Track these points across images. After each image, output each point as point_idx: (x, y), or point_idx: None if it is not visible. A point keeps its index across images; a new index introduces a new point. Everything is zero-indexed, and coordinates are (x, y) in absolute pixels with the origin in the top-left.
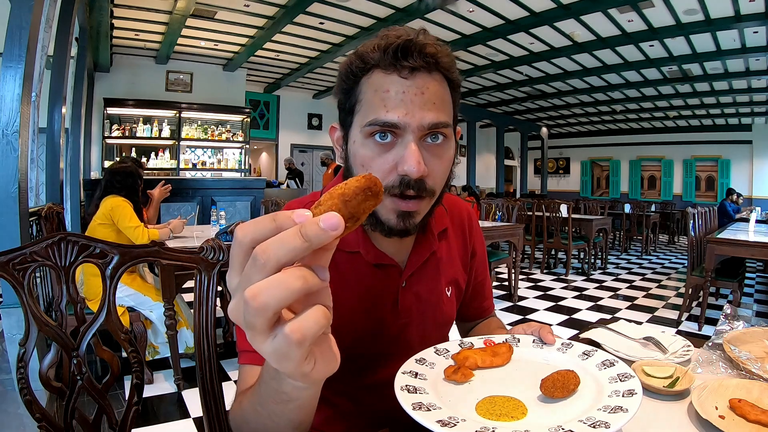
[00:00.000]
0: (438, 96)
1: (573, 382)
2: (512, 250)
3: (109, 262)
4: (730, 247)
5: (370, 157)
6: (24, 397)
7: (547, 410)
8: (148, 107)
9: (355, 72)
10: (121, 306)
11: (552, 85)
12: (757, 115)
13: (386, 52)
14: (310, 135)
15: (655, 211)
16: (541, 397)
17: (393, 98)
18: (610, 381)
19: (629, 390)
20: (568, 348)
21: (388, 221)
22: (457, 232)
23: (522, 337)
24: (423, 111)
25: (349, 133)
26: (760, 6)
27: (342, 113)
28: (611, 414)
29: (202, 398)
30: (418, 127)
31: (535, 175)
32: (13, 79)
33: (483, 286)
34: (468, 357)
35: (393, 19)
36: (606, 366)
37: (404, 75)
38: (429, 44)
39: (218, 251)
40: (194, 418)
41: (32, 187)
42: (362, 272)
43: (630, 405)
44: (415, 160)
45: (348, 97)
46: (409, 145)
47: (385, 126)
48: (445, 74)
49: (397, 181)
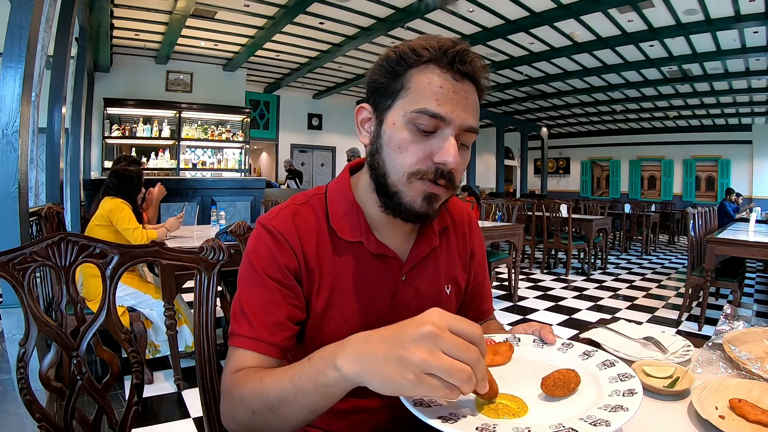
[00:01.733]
0: (475, 104)
1: (574, 381)
2: (512, 250)
3: (109, 262)
4: (730, 247)
5: (409, 142)
6: (24, 397)
7: (547, 408)
8: (148, 107)
9: (408, 61)
10: (121, 306)
11: (552, 85)
12: (757, 115)
13: (446, 53)
14: (310, 135)
15: (655, 211)
16: (542, 395)
17: (445, 94)
18: (611, 380)
19: (629, 389)
20: (568, 348)
21: (413, 203)
22: (458, 231)
23: (523, 336)
24: (465, 113)
25: (386, 115)
26: (760, 6)
27: (377, 95)
28: (611, 413)
29: (202, 398)
30: (460, 126)
31: (535, 175)
32: (13, 79)
33: (482, 288)
34: None
35: (393, 19)
36: (606, 366)
37: (457, 77)
38: (478, 58)
39: (218, 251)
40: (194, 418)
41: (32, 187)
42: (363, 262)
43: (630, 404)
44: (454, 153)
45: (393, 81)
46: (449, 139)
47: (434, 116)
48: (479, 90)
49: (432, 168)
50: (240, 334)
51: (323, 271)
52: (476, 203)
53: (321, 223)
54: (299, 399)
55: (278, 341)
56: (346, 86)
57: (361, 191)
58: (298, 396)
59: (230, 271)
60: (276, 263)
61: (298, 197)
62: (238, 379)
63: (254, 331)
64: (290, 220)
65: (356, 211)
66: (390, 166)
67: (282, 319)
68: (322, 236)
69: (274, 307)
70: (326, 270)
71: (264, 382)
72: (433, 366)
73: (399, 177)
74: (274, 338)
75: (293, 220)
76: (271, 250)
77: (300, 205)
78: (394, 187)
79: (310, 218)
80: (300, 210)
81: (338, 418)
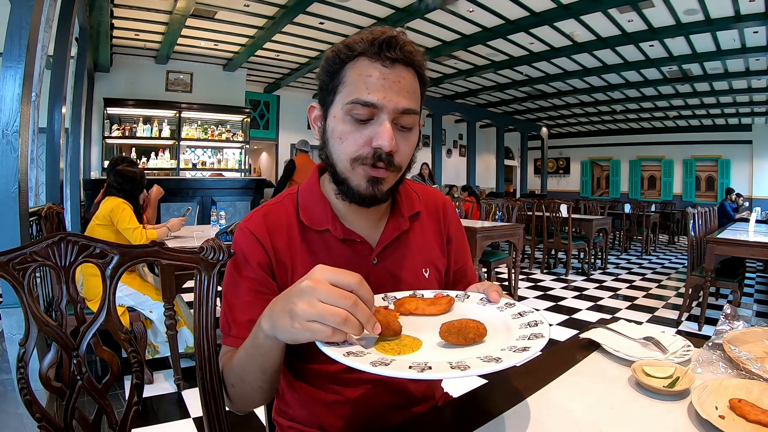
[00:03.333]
0: (411, 87)
1: (474, 332)
2: (512, 250)
3: (109, 262)
4: (730, 247)
5: (348, 131)
6: (24, 397)
7: (436, 351)
8: (148, 107)
9: (342, 57)
10: (121, 306)
11: (552, 85)
12: (757, 115)
13: (373, 43)
14: (310, 135)
15: (655, 211)
16: (441, 342)
17: (375, 82)
18: (519, 339)
19: (535, 333)
20: (508, 308)
21: (359, 187)
22: (431, 217)
23: (472, 294)
24: (399, 97)
25: (329, 110)
26: (760, 6)
27: (323, 93)
28: (508, 352)
29: (202, 398)
30: (393, 110)
31: (535, 175)
32: (13, 79)
33: (464, 273)
34: (404, 303)
35: (393, 19)
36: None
37: (386, 64)
38: (408, 42)
39: (218, 251)
40: (194, 418)
41: (32, 187)
42: (332, 249)
43: (532, 345)
44: (388, 136)
45: (332, 78)
46: (384, 123)
47: (366, 105)
48: (417, 70)
49: (371, 153)
50: (224, 333)
51: (295, 263)
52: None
53: (291, 218)
54: (251, 362)
55: None
56: None
57: (326, 185)
58: (249, 360)
59: None
60: (248, 262)
61: (273, 199)
62: (224, 366)
63: (233, 329)
64: (261, 219)
65: (323, 202)
66: (336, 156)
67: (255, 316)
68: (293, 230)
69: (250, 306)
70: (298, 261)
71: (232, 360)
72: (311, 314)
73: (344, 165)
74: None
75: (264, 220)
76: (244, 250)
77: (272, 205)
78: (342, 174)
79: (281, 215)
80: (272, 209)
81: (328, 409)
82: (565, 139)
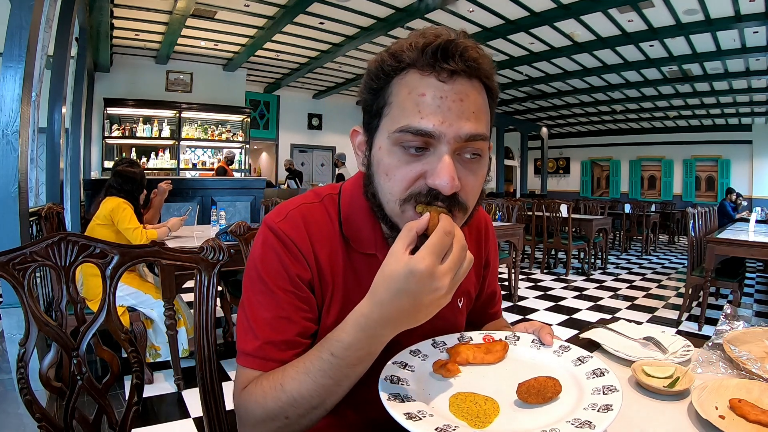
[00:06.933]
0: (477, 105)
1: (552, 390)
2: (512, 250)
3: (109, 262)
4: (730, 247)
5: (396, 166)
6: (24, 397)
7: (519, 415)
8: (148, 107)
9: (386, 71)
10: (122, 306)
11: (552, 85)
12: (757, 115)
13: (424, 51)
14: (310, 135)
15: (655, 211)
16: (518, 401)
17: (429, 103)
18: (593, 392)
19: (606, 405)
20: (564, 351)
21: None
22: (474, 241)
23: (522, 335)
24: (461, 120)
25: (375, 138)
26: (760, 6)
27: (367, 115)
28: (577, 428)
29: (202, 398)
30: (455, 138)
31: (535, 175)
32: (13, 79)
33: (494, 296)
34: (461, 352)
35: (393, 19)
36: (595, 375)
37: (443, 78)
38: (471, 47)
39: (218, 251)
40: (194, 418)
41: (32, 187)
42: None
43: (599, 421)
44: (448, 175)
45: (376, 98)
46: (443, 158)
47: (418, 134)
48: (485, 82)
49: (425, 189)
50: (247, 352)
51: (336, 283)
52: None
53: (334, 227)
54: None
55: (288, 358)
56: (346, 86)
57: None
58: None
59: (230, 271)
60: (287, 273)
61: (309, 196)
62: (254, 396)
63: (262, 350)
64: (301, 224)
65: (371, 221)
66: (383, 195)
67: (292, 336)
68: (335, 243)
69: (284, 323)
70: (339, 281)
71: (289, 389)
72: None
73: (392, 207)
74: (284, 356)
75: (304, 224)
76: (281, 258)
77: (310, 204)
78: (392, 218)
79: (322, 221)
80: (311, 210)
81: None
82: (565, 139)
